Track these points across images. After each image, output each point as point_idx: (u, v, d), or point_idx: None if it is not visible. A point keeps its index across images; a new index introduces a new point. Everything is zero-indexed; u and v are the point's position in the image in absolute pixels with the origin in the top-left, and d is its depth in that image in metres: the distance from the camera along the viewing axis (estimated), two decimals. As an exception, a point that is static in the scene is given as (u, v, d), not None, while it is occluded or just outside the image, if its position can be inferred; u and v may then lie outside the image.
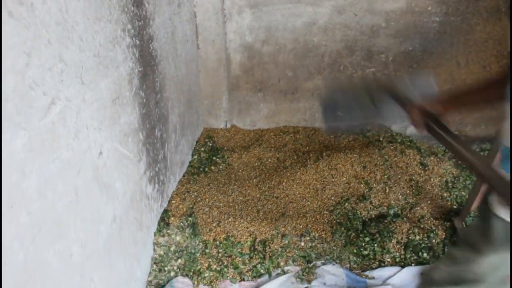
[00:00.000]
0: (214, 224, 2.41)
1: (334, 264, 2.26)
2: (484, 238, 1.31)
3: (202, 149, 3.24)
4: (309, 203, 2.66)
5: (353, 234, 2.40)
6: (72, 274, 1.40)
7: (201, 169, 3.01)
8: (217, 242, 2.32)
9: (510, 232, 1.23)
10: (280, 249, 2.30)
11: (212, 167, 3.04)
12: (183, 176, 2.89)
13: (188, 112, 3.05)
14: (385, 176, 2.81)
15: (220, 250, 2.29)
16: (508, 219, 1.23)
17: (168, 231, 2.34)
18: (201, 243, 2.31)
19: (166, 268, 2.20)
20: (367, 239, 2.36)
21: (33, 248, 1.17)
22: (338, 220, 2.49)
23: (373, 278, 2.21)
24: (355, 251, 2.32)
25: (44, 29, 1.19)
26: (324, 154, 3.05)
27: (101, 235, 1.62)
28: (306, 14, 3.28)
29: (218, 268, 2.21)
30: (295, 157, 3.13)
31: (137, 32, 1.94)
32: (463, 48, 3.33)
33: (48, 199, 1.24)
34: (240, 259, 2.26)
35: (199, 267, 2.21)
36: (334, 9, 3.26)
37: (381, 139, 3.29)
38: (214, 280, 2.17)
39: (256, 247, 2.32)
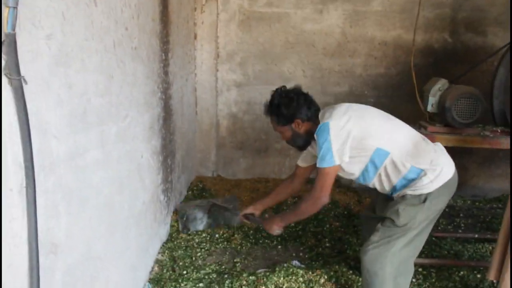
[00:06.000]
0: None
1: None
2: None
3: (195, 188, 4.25)
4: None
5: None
6: (119, 224, 2.36)
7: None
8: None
9: None
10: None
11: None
12: (181, 202, 3.88)
13: (186, 159, 4.10)
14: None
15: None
16: None
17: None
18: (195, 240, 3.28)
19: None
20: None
21: (105, 197, 2.18)
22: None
23: None
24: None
25: (126, 81, 2.30)
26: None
27: (136, 208, 2.59)
28: (276, 93, 4.49)
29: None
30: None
31: (164, 91, 3.07)
32: (390, 122, 4.56)
33: (120, 166, 2.26)
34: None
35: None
36: (296, 90, 4.49)
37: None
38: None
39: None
